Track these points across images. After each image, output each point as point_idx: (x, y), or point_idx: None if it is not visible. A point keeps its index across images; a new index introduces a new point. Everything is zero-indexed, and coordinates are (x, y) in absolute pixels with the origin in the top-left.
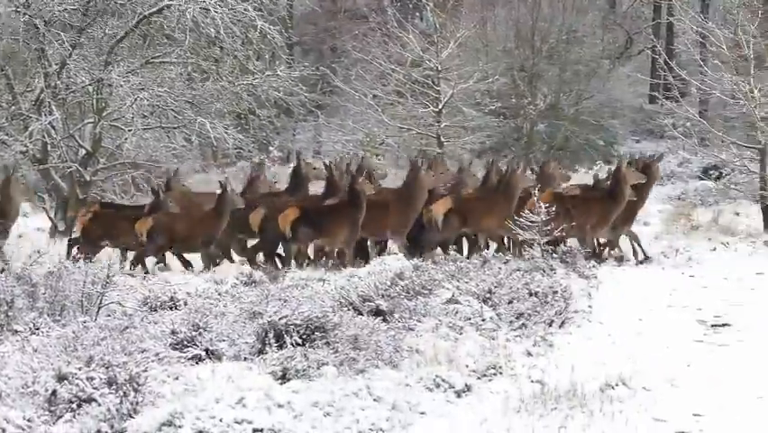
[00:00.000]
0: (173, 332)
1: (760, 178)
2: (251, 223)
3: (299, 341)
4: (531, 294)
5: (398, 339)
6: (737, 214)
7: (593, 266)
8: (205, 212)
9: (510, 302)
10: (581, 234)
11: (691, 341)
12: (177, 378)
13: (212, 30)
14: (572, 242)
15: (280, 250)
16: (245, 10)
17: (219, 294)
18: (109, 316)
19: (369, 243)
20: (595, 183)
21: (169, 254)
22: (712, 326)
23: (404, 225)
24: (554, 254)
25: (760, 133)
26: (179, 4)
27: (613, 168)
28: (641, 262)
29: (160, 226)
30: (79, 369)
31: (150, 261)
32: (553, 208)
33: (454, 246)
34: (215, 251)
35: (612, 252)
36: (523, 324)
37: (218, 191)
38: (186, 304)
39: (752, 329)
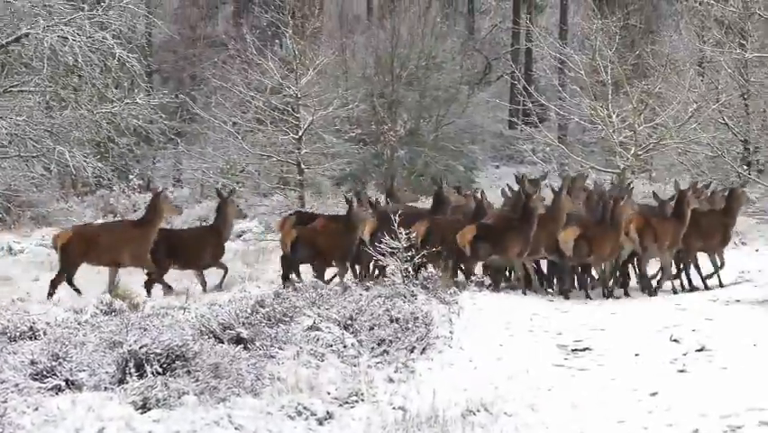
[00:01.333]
0: (32, 362)
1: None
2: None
3: (160, 370)
4: (392, 320)
5: (260, 367)
6: None
7: (454, 292)
8: (340, 227)
9: (372, 328)
10: None
11: (552, 366)
12: (36, 409)
13: (70, 58)
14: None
15: None
16: (103, 38)
17: (79, 323)
18: None
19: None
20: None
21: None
22: (572, 350)
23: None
24: (416, 280)
25: (618, 158)
26: (37, 33)
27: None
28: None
29: (303, 239)
30: None
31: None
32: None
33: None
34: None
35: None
36: (384, 350)
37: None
38: (45, 334)
39: (612, 353)
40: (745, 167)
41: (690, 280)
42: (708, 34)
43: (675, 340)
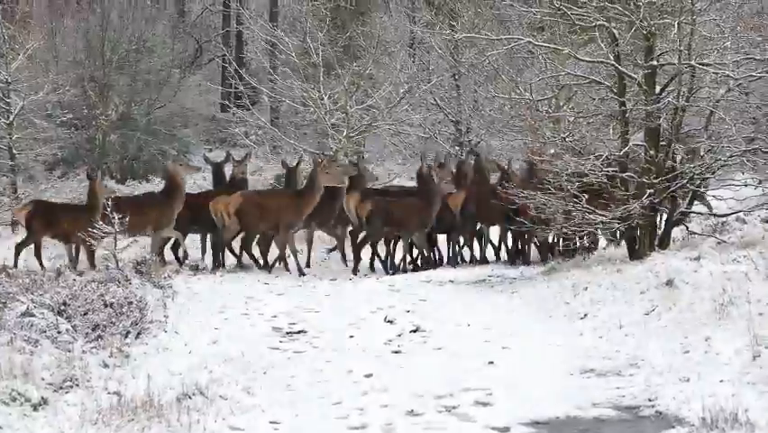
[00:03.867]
0: None
1: None
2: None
3: None
4: (106, 305)
5: None
6: None
7: (168, 276)
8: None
9: (86, 314)
10: None
11: (267, 348)
12: None
13: None
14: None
15: None
16: None
17: None
18: None
19: None
20: None
21: None
22: (287, 333)
23: None
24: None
25: (331, 140)
26: None
27: None
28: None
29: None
30: None
31: None
32: None
33: None
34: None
35: None
36: (99, 335)
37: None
38: None
39: (327, 335)
40: (457, 147)
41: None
42: (418, 15)
43: (390, 321)
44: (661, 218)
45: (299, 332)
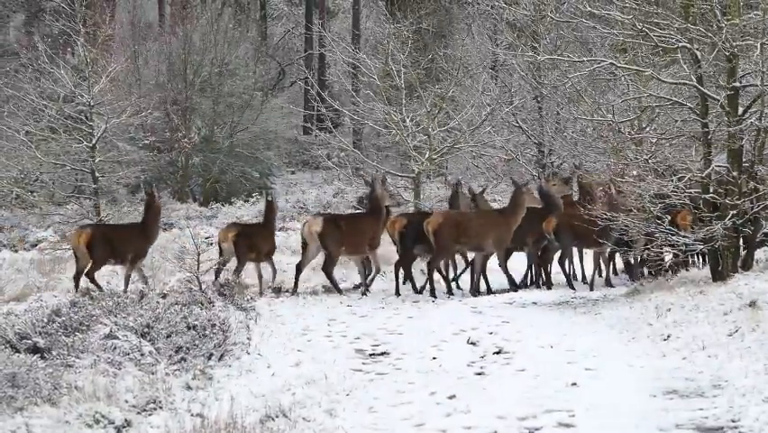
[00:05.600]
0: None
1: (413, 205)
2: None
3: None
4: (189, 327)
5: (57, 376)
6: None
7: (251, 298)
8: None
9: (169, 336)
10: None
11: (350, 370)
12: None
13: None
14: (231, 274)
15: None
16: None
17: None
18: None
19: None
20: None
21: None
22: (370, 355)
23: None
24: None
25: (413, 162)
26: None
27: None
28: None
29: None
30: None
31: None
32: None
33: None
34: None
35: None
36: (182, 358)
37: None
38: None
39: (409, 357)
40: (540, 169)
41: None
42: (500, 37)
43: (473, 343)
44: (744, 240)
45: (382, 354)
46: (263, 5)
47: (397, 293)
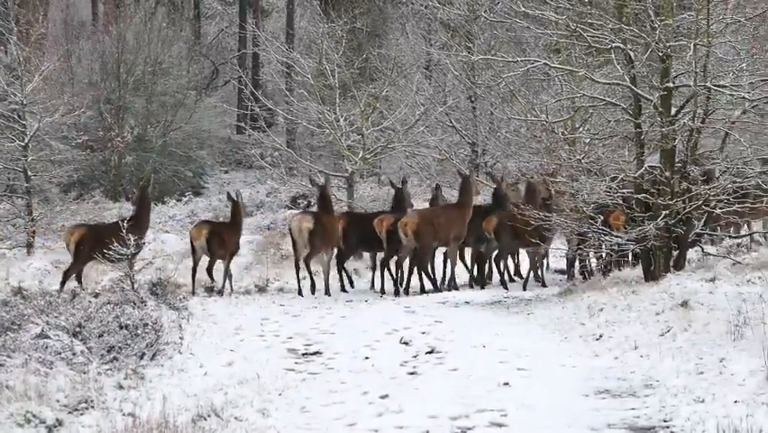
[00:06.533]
0: None
1: (347, 205)
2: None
3: None
4: (122, 327)
5: None
6: None
7: (183, 298)
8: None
9: (101, 336)
10: None
11: (283, 370)
12: None
13: None
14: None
15: None
16: None
17: None
18: None
19: None
20: None
21: None
22: (303, 354)
23: None
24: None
25: (347, 162)
26: None
27: None
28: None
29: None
30: None
31: None
32: None
33: None
34: None
35: None
36: (114, 357)
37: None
38: None
39: (342, 357)
40: (473, 168)
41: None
42: (434, 37)
43: (405, 343)
44: (676, 240)
45: (315, 353)
46: (197, 4)
47: (396, 292)
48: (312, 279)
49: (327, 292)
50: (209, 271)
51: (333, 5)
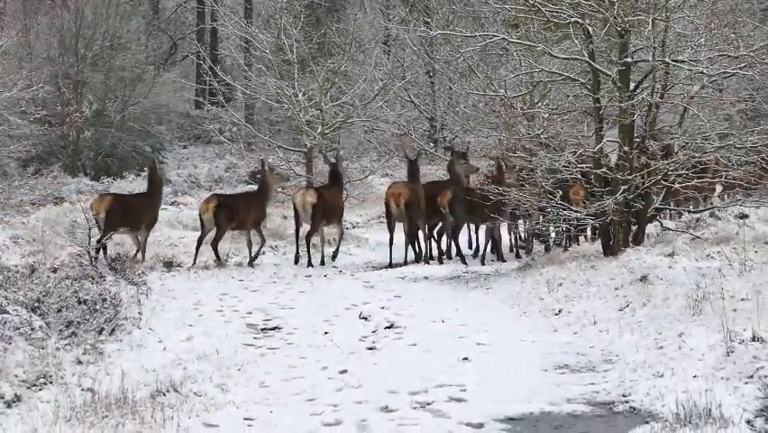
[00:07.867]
0: None
1: (306, 180)
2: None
3: None
4: (80, 302)
5: None
6: (285, 217)
7: (142, 273)
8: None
9: (59, 311)
10: None
11: (242, 345)
12: None
13: None
14: (124, 249)
15: None
16: None
17: None
18: None
19: None
20: None
21: None
22: (262, 330)
23: None
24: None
25: (305, 137)
26: None
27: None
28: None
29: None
30: None
31: None
32: None
33: None
34: None
35: None
36: (73, 332)
37: None
38: None
39: (301, 332)
40: (432, 144)
41: None
42: (392, 12)
43: (365, 318)
44: (635, 215)
45: (274, 328)
46: None
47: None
48: (309, 255)
49: (334, 258)
50: (215, 242)
51: None
